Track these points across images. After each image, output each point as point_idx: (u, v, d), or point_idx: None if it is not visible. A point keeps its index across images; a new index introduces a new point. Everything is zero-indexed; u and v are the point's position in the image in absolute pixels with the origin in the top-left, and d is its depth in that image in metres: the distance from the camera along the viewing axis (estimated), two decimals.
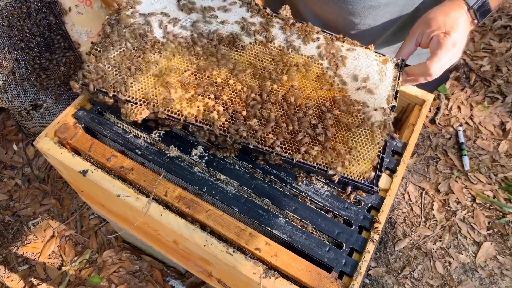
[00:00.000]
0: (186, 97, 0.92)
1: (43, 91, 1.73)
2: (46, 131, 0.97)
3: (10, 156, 2.10)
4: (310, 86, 0.97)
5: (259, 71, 0.97)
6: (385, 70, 1.00)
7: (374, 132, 0.92)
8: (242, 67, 0.97)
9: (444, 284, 1.78)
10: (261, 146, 0.89)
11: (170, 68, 0.95)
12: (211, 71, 0.95)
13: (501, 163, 2.06)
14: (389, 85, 0.99)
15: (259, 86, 0.95)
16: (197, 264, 1.09)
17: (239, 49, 0.99)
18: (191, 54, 0.97)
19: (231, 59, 0.97)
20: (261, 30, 1.02)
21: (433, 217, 1.94)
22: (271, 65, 0.98)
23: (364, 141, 0.91)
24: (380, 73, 1.00)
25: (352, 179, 0.88)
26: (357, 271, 0.82)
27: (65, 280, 1.76)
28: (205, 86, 0.93)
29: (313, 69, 0.99)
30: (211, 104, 0.91)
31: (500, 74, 2.36)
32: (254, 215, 0.87)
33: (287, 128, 0.90)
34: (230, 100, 0.92)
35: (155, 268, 1.78)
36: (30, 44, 1.57)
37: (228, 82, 0.95)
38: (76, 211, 1.93)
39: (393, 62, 1.02)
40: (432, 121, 2.25)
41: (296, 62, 0.99)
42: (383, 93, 0.98)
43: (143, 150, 0.95)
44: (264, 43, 1.01)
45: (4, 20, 1.46)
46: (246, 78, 0.96)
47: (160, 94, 0.91)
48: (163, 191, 0.90)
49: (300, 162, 0.88)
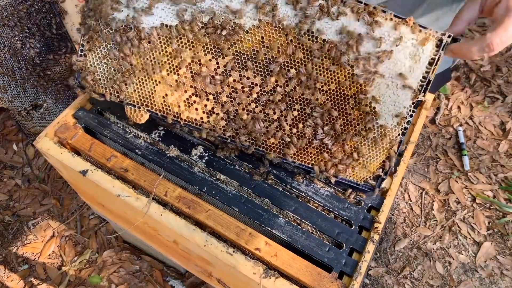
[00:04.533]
0: (183, 99, 0.89)
1: (43, 91, 1.73)
2: (46, 131, 0.97)
3: (10, 156, 2.09)
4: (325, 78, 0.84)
5: (263, 61, 0.85)
6: (421, 53, 0.81)
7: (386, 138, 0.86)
8: (243, 58, 0.86)
9: (444, 284, 1.78)
10: (262, 149, 0.88)
11: (163, 65, 0.88)
12: (208, 63, 0.87)
13: (501, 163, 2.06)
14: (421, 74, 0.82)
15: (262, 81, 0.86)
16: (197, 264, 1.09)
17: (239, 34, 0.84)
18: (183, 45, 0.87)
19: (230, 48, 0.85)
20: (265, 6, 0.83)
21: (433, 217, 1.94)
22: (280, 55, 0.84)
23: (373, 147, 0.88)
24: (414, 58, 0.81)
25: (353, 182, 0.89)
26: (357, 271, 0.82)
27: (65, 280, 1.76)
28: (202, 86, 0.88)
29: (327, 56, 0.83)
30: (210, 106, 0.89)
31: (500, 74, 2.36)
32: (254, 215, 0.87)
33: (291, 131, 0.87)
34: (230, 100, 0.89)
35: (155, 268, 1.78)
36: (30, 44, 1.57)
37: (227, 79, 0.87)
38: (76, 211, 1.93)
39: (435, 39, 0.80)
40: (432, 121, 2.25)
41: (309, 46, 0.83)
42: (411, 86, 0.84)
43: (143, 150, 0.95)
44: (271, 23, 0.83)
45: (4, 20, 1.46)
46: (248, 73, 0.87)
47: (157, 95, 0.89)
48: (163, 191, 0.89)
49: (301, 164, 0.88)
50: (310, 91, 0.86)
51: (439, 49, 0.80)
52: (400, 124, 0.85)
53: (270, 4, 0.82)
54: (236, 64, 0.86)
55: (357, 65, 0.82)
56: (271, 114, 0.88)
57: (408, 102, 0.84)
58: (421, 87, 0.83)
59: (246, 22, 0.84)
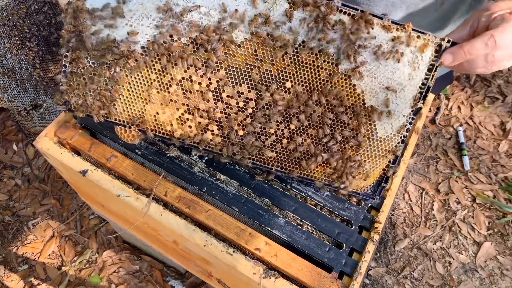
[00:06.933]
0: (175, 117, 0.86)
1: (43, 91, 1.73)
2: (46, 131, 0.97)
3: (10, 156, 2.09)
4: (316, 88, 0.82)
5: (258, 75, 0.82)
6: (420, 60, 0.78)
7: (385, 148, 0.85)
8: (237, 72, 0.82)
9: (444, 284, 1.78)
10: (260, 164, 0.88)
11: (152, 83, 0.84)
12: (199, 80, 0.83)
13: (501, 163, 2.06)
14: (420, 81, 0.79)
15: (257, 95, 0.83)
16: (197, 264, 1.08)
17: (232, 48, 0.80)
18: (172, 63, 0.82)
19: (222, 63, 0.81)
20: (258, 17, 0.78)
21: (433, 217, 1.94)
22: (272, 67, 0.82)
23: (373, 157, 0.86)
24: (413, 65, 0.78)
25: (354, 192, 0.89)
26: (357, 271, 0.82)
27: (65, 280, 1.76)
28: (195, 103, 0.84)
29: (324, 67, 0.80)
30: (204, 123, 0.86)
31: (500, 74, 2.36)
32: (254, 215, 0.87)
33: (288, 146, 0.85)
34: (225, 116, 0.85)
35: (155, 268, 1.78)
36: (30, 44, 1.57)
37: (220, 95, 0.83)
38: (76, 211, 1.93)
39: (434, 45, 0.77)
40: (432, 121, 2.25)
41: (305, 58, 0.80)
42: (409, 94, 0.80)
43: (143, 150, 0.95)
44: (263, 36, 0.79)
45: (4, 20, 1.46)
46: (243, 88, 0.83)
47: (148, 114, 0.86)
48: (163, 191, 0.89)
49: (301, 176, 0.88)
50: (309, 109, 0.83)
51: (439, 55, 0.77)
52: (399, 132, 0.84)
53: (263, 16, 0.78)
54: (229, 79, 0.82)
55: (355, 75, 0.79)
56: (268, 128, 0.85)
57: (407, 110, 0.82)
58: (421, 94, 0.80)
59: (238, 36, 0.79)
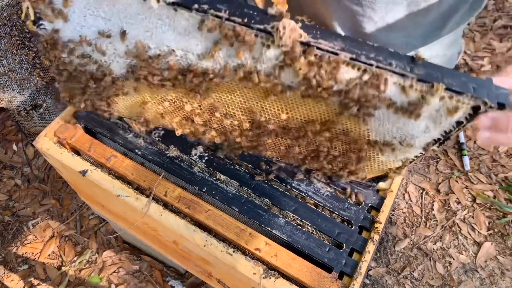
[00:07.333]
0: (174, 121, 0.87)
1: (43, 91, 1.72)
2: (45, 131, 0.97)
3: (10, 156, 2.09)
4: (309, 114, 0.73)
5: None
6: (444, 120, 0.61)
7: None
8: (226, 99, 0.76)
9: (444, 284, 1.78)
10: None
11: (146, 99, 0.82)
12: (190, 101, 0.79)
13: (501, 163, 2.06)
14: (439, 134, 0.65)
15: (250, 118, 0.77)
16: (197, 264, 1.08)
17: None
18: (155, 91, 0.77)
19: (209, 92, 0.74)
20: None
21: (433, 217, 1.94)
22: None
23: (371, 170, 0.85)
24: (434, 121, 0.62)
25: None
26: (357, 271, 0.82)
27: (64, 280, 1.76)
28: (190, 115, 0.83)
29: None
30: (202, 129, 0.87)
31: None
32: (254, 215, 0.87)
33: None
34: (221, 127, 0.85)
35: (155, 268, 1.78)
36: (30, 44, 1.56)
37: (213, 115, 0.81)
38: (75, 211, 1.93)
39: (468, 104, 0.56)
40: None
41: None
42: (422, 143, 0.68)
43: (143, 150, 0.95)
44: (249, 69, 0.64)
45: (4, 19, 1.46)
46: (235, 111, 0.77)
47: (147, 115, 0.88)
48: (163, 191, 0.89)
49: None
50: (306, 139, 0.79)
51: (474, 116, 0.58)
52: (403, 162, 0.78)
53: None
54: (220, 104, 0.77)
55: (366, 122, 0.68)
56: (266, 140, 0.83)
57: (416, 152, 0.73)
58: (435, 141, 0.67)
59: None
